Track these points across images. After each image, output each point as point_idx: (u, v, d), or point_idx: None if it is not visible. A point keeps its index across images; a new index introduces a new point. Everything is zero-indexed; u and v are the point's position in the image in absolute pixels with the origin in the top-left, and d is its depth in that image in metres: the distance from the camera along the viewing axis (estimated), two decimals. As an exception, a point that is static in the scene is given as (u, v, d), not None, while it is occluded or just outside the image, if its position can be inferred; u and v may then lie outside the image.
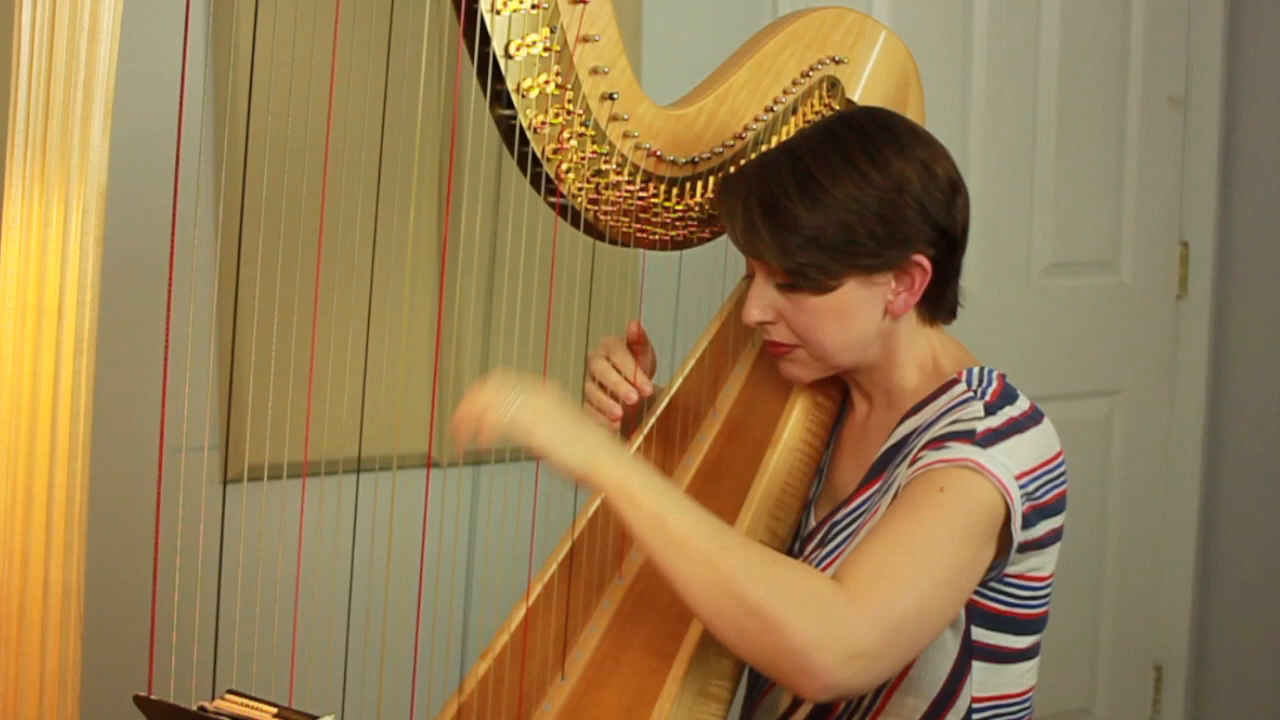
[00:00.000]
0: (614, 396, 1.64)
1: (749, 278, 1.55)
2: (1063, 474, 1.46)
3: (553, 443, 1.34)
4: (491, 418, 1.34)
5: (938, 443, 1.41)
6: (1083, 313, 2.92)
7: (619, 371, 1.64)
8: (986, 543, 1.39)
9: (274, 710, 1.18)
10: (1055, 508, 1.45)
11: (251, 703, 1.19)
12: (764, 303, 1.51)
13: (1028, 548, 1.44)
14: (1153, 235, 2.95)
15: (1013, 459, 1.39)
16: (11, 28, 1.17)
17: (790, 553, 1.59)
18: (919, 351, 1.54)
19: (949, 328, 1.59)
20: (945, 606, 1.38)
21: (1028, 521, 1.41)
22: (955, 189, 1.49)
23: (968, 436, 1.39)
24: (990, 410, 1.42)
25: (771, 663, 1.32)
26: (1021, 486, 1.39)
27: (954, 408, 1.45)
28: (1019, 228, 2.82)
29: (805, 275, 1.45)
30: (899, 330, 1.52)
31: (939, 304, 1.53)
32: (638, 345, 1.68)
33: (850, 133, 1.47)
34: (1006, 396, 1.46)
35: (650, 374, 1.71)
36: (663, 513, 1.32)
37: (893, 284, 1.48)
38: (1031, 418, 1.45)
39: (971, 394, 1.46)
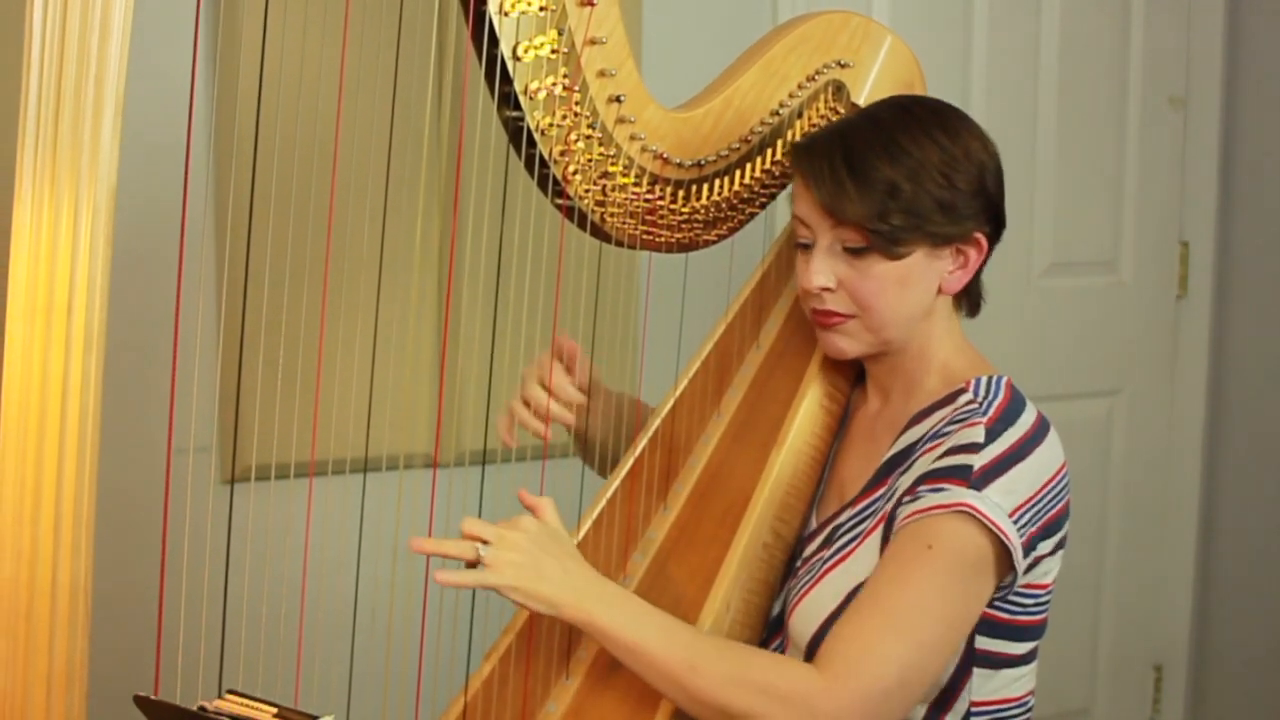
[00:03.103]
0: (546, 416, 1.67)
1: (800, 246, 1.56)
2: (1065, 486, 1.48)
3: (519, 585, 1.39)
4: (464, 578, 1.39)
5: (935, 479, 1.42)
6: (1083, 313, 2.92)
7: (548, 391, 1.66)
8: (980, 584, 1.42)
9: (274, 710, 1.19)
10: (1057, 524, 1.47)
11: (252, 703, 1.19)
12: (828, 269, 1.53)
13: (1034, 564, 1.46)
14: (1153, 235, 2.95)
15: (1008, 496, 1.41)
16: (23, 26, 1.17)
17: (792, 552, 1.60)
18: (946, 345, 1.57)
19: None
20: (936, 662, 1.41)
21: (1029, 548, 1.43)
22: (1001, 173, 1.56)
23: (963, 477, 1.41)
24: (991, 435, 1.43)
25: None
26: (1016, 521, 1.41)
27: (957, 420, 1.46)
28: (1019, 228, 2.77)
29: (882, 235, 1.48)
30: (938, 313, 1.55)
31: (970, 292, 1.59)
32: (570, 360, 1.72)
33: (922, 108, 1.55)
34: (1010, 413, 1.46)
35: (586, 380, 1.73)
36: (634, 642, 1.39)
37: (950, 261, 1.53)
38: (1034, 437, 1.46)
39: (976, 406, 1.46)
